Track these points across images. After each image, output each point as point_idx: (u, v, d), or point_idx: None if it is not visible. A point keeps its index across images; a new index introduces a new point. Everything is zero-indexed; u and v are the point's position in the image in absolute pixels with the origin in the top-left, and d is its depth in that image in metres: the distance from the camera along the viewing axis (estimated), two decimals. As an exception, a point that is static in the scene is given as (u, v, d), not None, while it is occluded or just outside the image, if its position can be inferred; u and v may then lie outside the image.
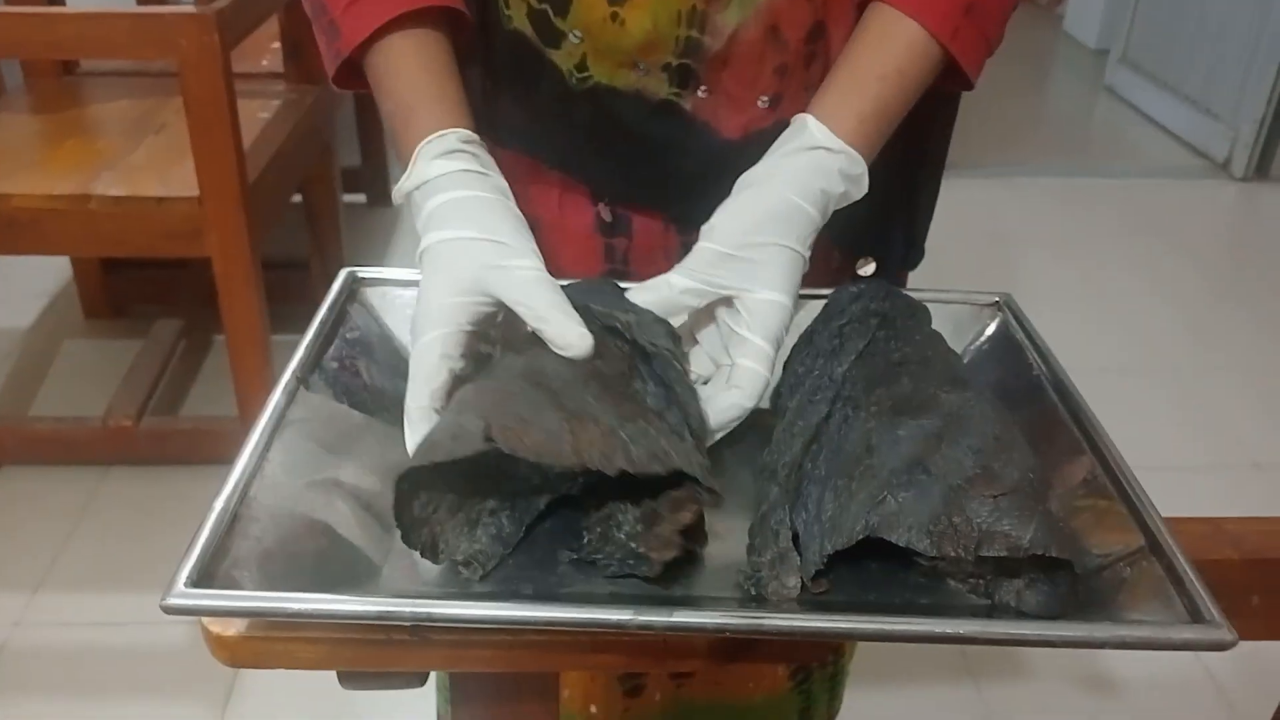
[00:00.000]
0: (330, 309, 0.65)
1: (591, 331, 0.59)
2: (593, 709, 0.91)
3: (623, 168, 0.76)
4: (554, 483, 0.54)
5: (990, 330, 0.69)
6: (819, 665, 0.95)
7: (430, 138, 0.64)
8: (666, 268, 0.64)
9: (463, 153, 0.63)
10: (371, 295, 0.68)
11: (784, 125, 0.68)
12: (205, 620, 0.49)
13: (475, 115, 0.68)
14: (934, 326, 0.66)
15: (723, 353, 0.63)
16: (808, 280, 0.64)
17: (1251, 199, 3.06)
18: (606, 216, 0.78)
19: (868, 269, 0.82)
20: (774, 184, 0.63)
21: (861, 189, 0.65)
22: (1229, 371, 2.29)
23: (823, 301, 0.67)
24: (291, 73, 1.96)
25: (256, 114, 1.81)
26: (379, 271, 0.69)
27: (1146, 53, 3.57)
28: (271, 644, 0.49)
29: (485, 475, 0.52)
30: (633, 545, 0.49)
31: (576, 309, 0.61)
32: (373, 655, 0.50)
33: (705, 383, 0.63)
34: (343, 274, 0.68)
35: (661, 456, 0.49)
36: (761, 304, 0.61)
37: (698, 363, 0.65)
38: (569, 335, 0.57)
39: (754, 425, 0.65)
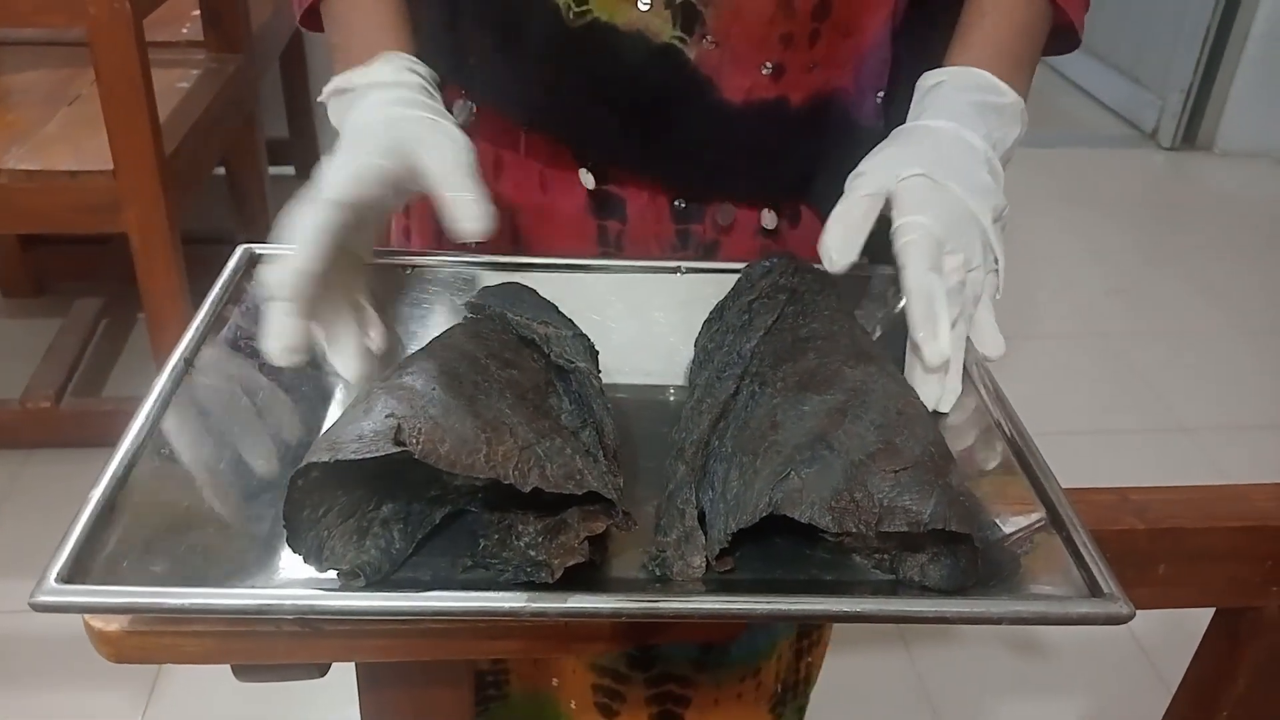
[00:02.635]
0: (224, 288, 0.62)
1: (507, 341, 0.57)
2: None
3: (616, 120, 0.72)
4: (454, 495, 0.51)
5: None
6: (792, 696, 0.93)
7: (392, 52, 0.66)
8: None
9: (422, 85, 0.66)
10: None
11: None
12: (87, 616, 0.47)
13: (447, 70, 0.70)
14: (846, 299, 0.65)
15: None
16: (741, 255, 0.62)
17: (1179, 167, 3.11)
18: (589, 183, 0.74)
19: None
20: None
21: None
22: (1155, 337, 2.33)
23: (737, 276, 0.66)
24: (212, 41, 1.90)
25: (174, 84, 1.76)
26: (278, 248, 0.66)
27: (1079, 21, 3.60)
28: (157, 638, 0.48)
29: (381, 478, 0.49)
30: (531, 554, 0.47)
31: (493, 317, 0.60)
32: (264, 648, 0.49)
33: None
34: (238, 251, 0.65)
35: (576, 477, 0.48)
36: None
37: None
38: (468, 209, 0.58)
39: (665, 403, 0.64)
